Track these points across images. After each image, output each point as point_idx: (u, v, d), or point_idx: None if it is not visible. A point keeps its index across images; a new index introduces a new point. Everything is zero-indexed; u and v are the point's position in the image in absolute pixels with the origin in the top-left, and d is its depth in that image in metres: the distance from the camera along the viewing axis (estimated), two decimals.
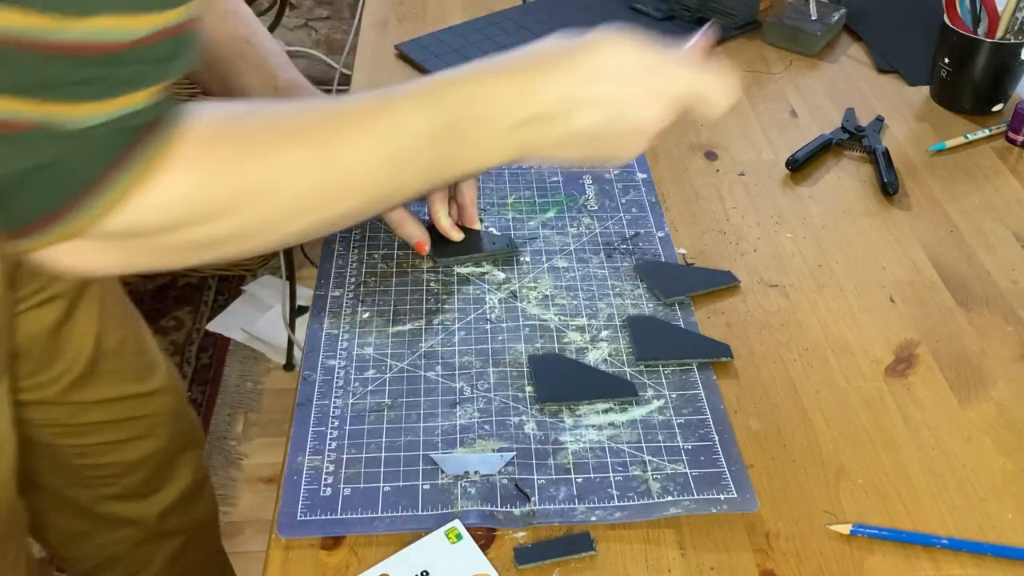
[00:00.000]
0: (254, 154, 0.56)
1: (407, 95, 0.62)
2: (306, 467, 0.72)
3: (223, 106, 0.57)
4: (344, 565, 0.66)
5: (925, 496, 0.72)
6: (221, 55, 0.84)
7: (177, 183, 0.53)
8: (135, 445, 1.08)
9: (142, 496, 1.11)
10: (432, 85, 0.63)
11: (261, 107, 0.60)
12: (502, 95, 0.63)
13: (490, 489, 0.70)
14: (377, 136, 0.60)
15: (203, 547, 1.24)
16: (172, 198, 0.53)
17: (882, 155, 1.05)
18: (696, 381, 0.79)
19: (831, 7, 1.29)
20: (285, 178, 0.56)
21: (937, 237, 0.97)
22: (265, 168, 0.56)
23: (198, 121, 0.54)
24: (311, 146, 0.57)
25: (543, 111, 0.63)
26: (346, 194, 0.60)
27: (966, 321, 0.87)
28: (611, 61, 0.65)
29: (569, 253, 0.92)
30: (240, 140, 0.55)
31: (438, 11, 1.35)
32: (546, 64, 0.64)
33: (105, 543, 1.14)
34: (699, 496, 0.70)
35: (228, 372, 2.00)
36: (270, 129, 0.57)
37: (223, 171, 0.55)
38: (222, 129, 0.55)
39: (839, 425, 0.77)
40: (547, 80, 0.63)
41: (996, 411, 0.79)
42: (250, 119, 0.57)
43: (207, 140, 0.54)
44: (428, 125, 0.61)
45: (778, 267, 0.92)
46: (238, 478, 1.80)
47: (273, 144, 0.56)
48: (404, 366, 0.80)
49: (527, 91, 0.63)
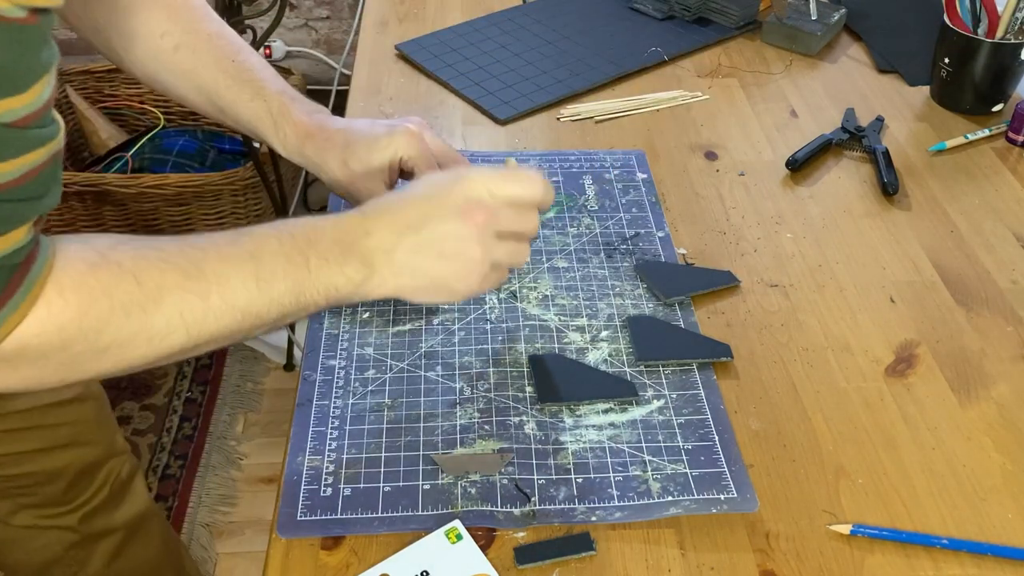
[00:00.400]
0: (129, 276, 0.60)
1: (264, 225, 0.68)
2: (306, 467, 0.72)
3: (90, 238, 0.61)
4: (344, 565, 0.66)
5: (925, 496, 0.72)
6: (210, 76, 0.86)
7: (60, 309, 0.57)
8: (55, 455, 1.05)
9: (61, 504, 1.09)
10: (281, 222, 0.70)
11: (127, 239, 0.63)
12: (334, 229, 0.69)
13: (490, 489, 0.70)
14: (241, 252, 0.65)
15: (146, 540, 1.20)
16: (60, 322, 0.57)
17: (882, 155, 1.05)
18: (696, 381, 0.79)
19: (831, 7, 1.29)
20: (163, 297, 0.61)
21: (937, 237, 0.97)
22: (141, 288, 0.60)
23: (71, 252, 0.58)
24: (181, 272, 0.62)
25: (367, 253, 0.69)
26: (217, 311, 0.63)
27: (966, 321, 0.87)
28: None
29: (569, 253, 0.92)
30: (119, 267, 0.60)
31: (438, 11, 1.35)
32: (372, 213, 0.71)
33: (36, 548, 1.12)
34: (699, 496, 0.70)
35: (228, 372, 2.00)
36: (141, 257, 0.61)
37: (104, 293, 0.58)
38: (97, 259, 0.59)
39: (839, 425, 0.77)
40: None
41: (996, 411, 0.79)
42: (122, 248, 0.61)
43: (85, 269, 0.58)
44: (283, 245, 0.66)
45: (778, 267, 0.92)
46: (238, 478, 1.80)
47: (143, 269, 0.60)
48: (404, 366, 0.80)
49: (354, 231, 0.69)
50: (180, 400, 1.92)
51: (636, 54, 1.24)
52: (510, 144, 1.08)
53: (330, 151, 0.85)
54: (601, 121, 1.13)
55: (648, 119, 1.13)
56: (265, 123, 0.86)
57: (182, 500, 1.73)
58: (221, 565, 1.65)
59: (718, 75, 1.22)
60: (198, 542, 1.67)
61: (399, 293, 0.71)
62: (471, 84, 1.17)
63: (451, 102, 1.15)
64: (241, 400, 1.95)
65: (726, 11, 1.31)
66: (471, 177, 0.71)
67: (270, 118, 0.86)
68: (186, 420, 1.88)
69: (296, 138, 0.86)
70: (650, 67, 1.23)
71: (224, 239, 0.65)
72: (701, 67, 1.24)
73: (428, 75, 1.20)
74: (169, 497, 1.73)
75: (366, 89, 1.17)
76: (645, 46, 1.25)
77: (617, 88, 1.19)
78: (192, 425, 1.87)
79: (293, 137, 0.86)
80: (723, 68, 1.24)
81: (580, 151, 1.07)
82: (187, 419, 1.89)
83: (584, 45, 1.25)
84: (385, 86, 1.18)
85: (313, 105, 0.88)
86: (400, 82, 1.19)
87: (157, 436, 1.85)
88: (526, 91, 1.16)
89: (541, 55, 1.23)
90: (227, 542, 1.69)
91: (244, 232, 0.66)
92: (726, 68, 1.24)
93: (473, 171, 0.72)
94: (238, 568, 1.65)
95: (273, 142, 0.87)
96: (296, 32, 2.40)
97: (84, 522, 1.12)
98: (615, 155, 1.06)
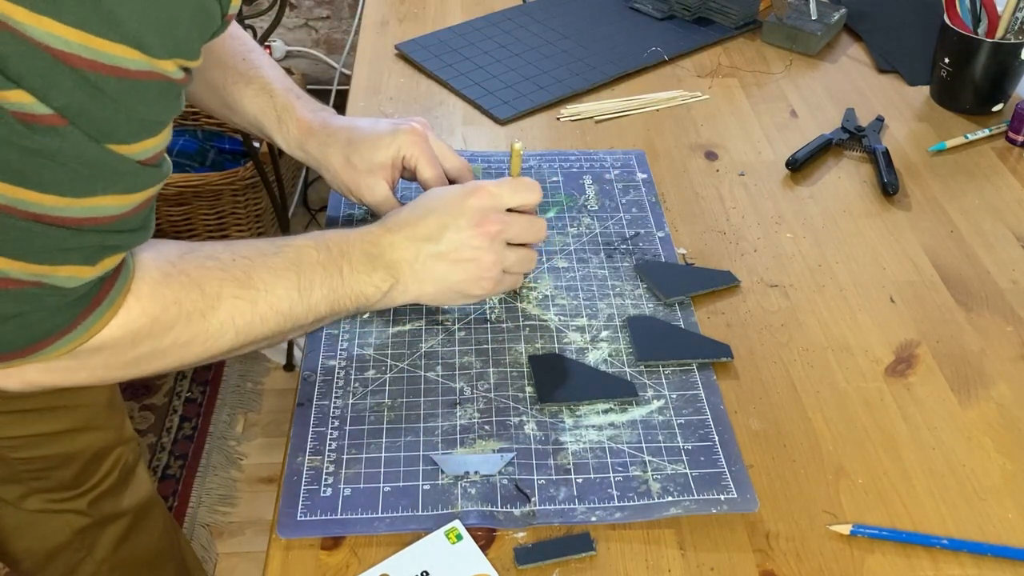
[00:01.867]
0: (195, 286, 0.66)
1: (303, 236, 0.74)
2: (306, 467, 0.72)
3: (159, 245, 0.66)
4: (344, 565, 0.66)
5: (925, 496, 0.72)
6: (219, 72, 0.88)
7: (138, 316, 0.63)
8: (71, 438, 1.07)
9: (71, 488, 1.11)
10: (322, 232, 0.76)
11: (189, 248, 0.68)
12: (360, 240, 0.75)
13: (490, 489, 0.70)
14: (285, 262, 0.71)
15: (150, 527, 1.22)
16: (134, 328, 0.63)
17: (882, 155, 1.05)
18: (696, 381, 0.79)
19: (831, 7, 1.29)
20: (219, 304, 0.67)
21: (937, 237, 0.97)
22: (204, 296, 0.66)
23: (147, 262, 0.64)
24: (235, 282, 0.68)
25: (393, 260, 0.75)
26: (263, 315, 0.69)
27: (966, 321, 0.87)
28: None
29: (569, 253, 0.92)
30: (187, 277, 0.66)
31: (438, 11, 1.35)
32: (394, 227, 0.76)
33: (45, 533, 1.13)
34: (699, 496, 0.70)
35: (228, 372, 2.00)
36: (203, 267, 0.67)
37: (175, 301, 0.64)
38: (169, 269, 0.65)
39: (839, 425, 0.77)
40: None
41: (996, 411, 0.79)
42: (188, 258, 0.67)
43: (160, 279, 0.64)
44: (320, 255, 0.72)
45: (778, 267, 0.92)
46: (238, 478, 1.80)
47: (207, 279, 0.66)
48: (404, 366, 0.80)
49: (380, 243, 0.75)
50: (180, 400, 1.92)
51: (636, 54, 1.24)
52: (510, 144, 1.08)
53: (333, 147, 0.86)
54: (601, 121, 1.13)
55: (648, 119, 1.13)
56: (270, 118, 0.88)
57: (182, 500, 1.73)
58: (221, 565, 1.65)
59: (718, 75, 1.22)
60: (198, 542, 1.67)
61: (420, 299, 0.77)
62: (471, 84, 1.17)
63: (451, 102, 1.15)
64: (241, 400, 1.95)
65: (726, 11, 1.31)
66: (483, 189, 0.76)
67: (274, 113, 0.88)
68: (186, 420, 1.88)
69: (299, 134, 0.88)
70: (650, 67, 1.23)
71: (269, 248, 0.71)
72: (701, 67, 1.24)
73: (428, 75, 1.20)
74: (169, 497, 1.73)
75: (366, 89, 1.17)
76: (645, 46, 1.25)
77: (617, 88, 1.19)
78: (192, 425, 1.87)
79: (296, 133, 0.88)
80: (723, 68, 1.24)
81: (580, 151, 1.07)
82: (187, 419, 1.89)
83: (584, 45, 1.25)
84: (385, 86, 1.18)
85: (318, 104, 0.91)
86: (400, 82, 1.19)
87: (157, 436, 1.85)
88: (526, 91, 1.16)
89: (541, 55, 1.23)
90: (227, 542, 1.69)
91: (285, 243, 0.72)
92: (726, 68, 1.24)
93: (483, 184, 0.77)
94: (238, 568, 1.65)
95: (276, 137, 0.89)
96: (296, 32, 2.40)
97: (93, 506, 1.13)
98: (615, 155, 1.06)
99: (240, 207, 1.91)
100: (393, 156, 0.85)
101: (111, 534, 1.17)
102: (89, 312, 0.60)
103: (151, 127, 0.57)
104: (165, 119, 0.59)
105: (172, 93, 0.57)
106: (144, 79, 0.54)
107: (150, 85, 0.55)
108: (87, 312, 0.60)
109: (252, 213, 1.95)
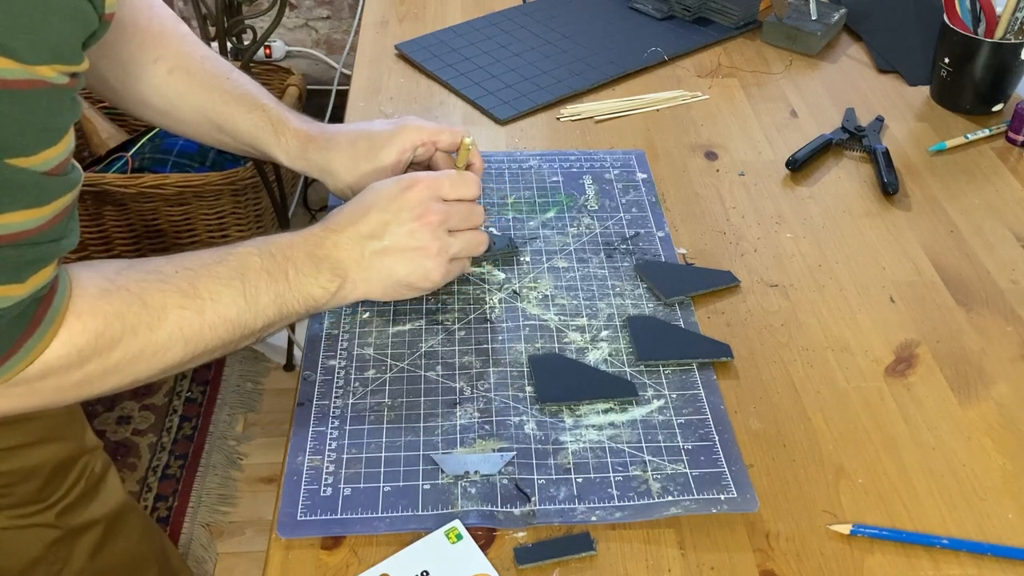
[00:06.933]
0: (137, 299, 0.65)
1: (245, 244, 0.74)
2: (306, 467, 0.72)
3: (96, 265, 0.66)
4: (344, 565, 0.66)
5: (925, 496, 0.72)
6: (206, 95, 0.88)
7: (79, 333, 0.62)
8: (31, 451, 1.05)
9: (37, 502, 1.09)
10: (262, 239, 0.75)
11: (128, 264, 0.68)
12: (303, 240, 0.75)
13: (490, 489, 0.70)
14: (229, 270, 0.70)
15: (127, 532, 1.20)
16: (78, 346, 0.62)
17: (882, 155, 1.05)
18: (696, 381, 0.79)
19: (831, 7, 1.29)
20: (165, 316, 0.67)
21: (937, 237, 0.97)
22: (147, 309, 0.66)
23: (85, 280, 0.64)
24: (179, 292, 0.67)
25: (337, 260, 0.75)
26: (212, 324, 0.69)
27: (966, 321, 0.87)
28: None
29: (569, 253, 0.92)
30: (127, 292, 0.65)
31: (438, 11, 1.35)
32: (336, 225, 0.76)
33: (16, 549, 1.11)
34: (699, 496, 0.70)
35: (228, 372, 2.00)
36: (144, 281, 0.67)
37: (117, 316, 0.64)
38: (107, 284, 0.65)
39: (839, 425, 0.77)
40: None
41: (996, 411, 0.79)
42: (127, 273, 0.66)
43: (98, 295, 0.64)
44: (264, 261, 0.72)
45: (778, 267, 0.92)
46: (238, 478, 1.80)
47: (148, 292, 0.66)
48: (404, 366, 0.80)
49: (324, 244, 0.75)
50: (180, 400, 1.92)
51: (636, 54, 1.24)
52: (510, 144, 1.08)
53: (336, 151, 0.86)
54: (601, 121, 1.13)
55: (648, 119, 1.13)
56: (266, 132, 0.88)
57: (182, 500, 1.73)
58: (221, 565, 1.65)
59: (718, 75, 1.22)
60: (198, 542, 1.67)
61: (369, 295, 0.77)
62: (471, 84, 1.17)
63: (451, 102, 1.15)
64: (241, 400, 1.95)
65: (726, 11, 1.31)
66: (421, 182, 0.77)
67: (270, 126, 0.88)
68: (186, 420, 1.88)
69: (299, 143, 0.88)
70: (650, 67, 1.23)
71: (212, 258, 0.71)
72: (701, 67, 1.24)
73: (428, 75, 1.20)
74: (169, 497, 1.73)
75: (366, 89, 1.17)
76: (645, 46, 1.25)
77: (617, 88, 1.19)
78: (192, 425, 1.87)
79: (295, 142, 0.88)
80: (723, 68, 1.24)
81: (580, 151, 1.07)
82: (187, 419, 1.89)
83: (584, 45, 1.25)
84: (385, 86, 1.18)
85: (307, 117, 0.91)
86: (400, 82, 1.19)
87: (157, 436, 1.85)
88: (526, 91, 1.16)
89: (541, 55, 1.23)
90: (227, 542, 1.69)
91: (229, 251, 0.72)
92: (726, 68, 1.24)
93: (421, 176, 0.78)
94: (238, 568, 1.65)
95: (275, 151, 0.88)
96: (296, 32, 2.40)
97: (62, 517, 1.12)
98: (615, 155, 1.06)
99: (240, 207, 1.91)
100: (399, 152, 0.85)
101: (85, 544, 1.15)
102: (29, 335, 0.59)
103: (48, 136, 0.56)
104: (62, 126, 0.58)
105: (63, 99, 0.56)
106: (26, 88, 0.53)
107: (35, 94, 0.54)
108: (27, 335, 0.59)
109: (252, 213, 1.95)
